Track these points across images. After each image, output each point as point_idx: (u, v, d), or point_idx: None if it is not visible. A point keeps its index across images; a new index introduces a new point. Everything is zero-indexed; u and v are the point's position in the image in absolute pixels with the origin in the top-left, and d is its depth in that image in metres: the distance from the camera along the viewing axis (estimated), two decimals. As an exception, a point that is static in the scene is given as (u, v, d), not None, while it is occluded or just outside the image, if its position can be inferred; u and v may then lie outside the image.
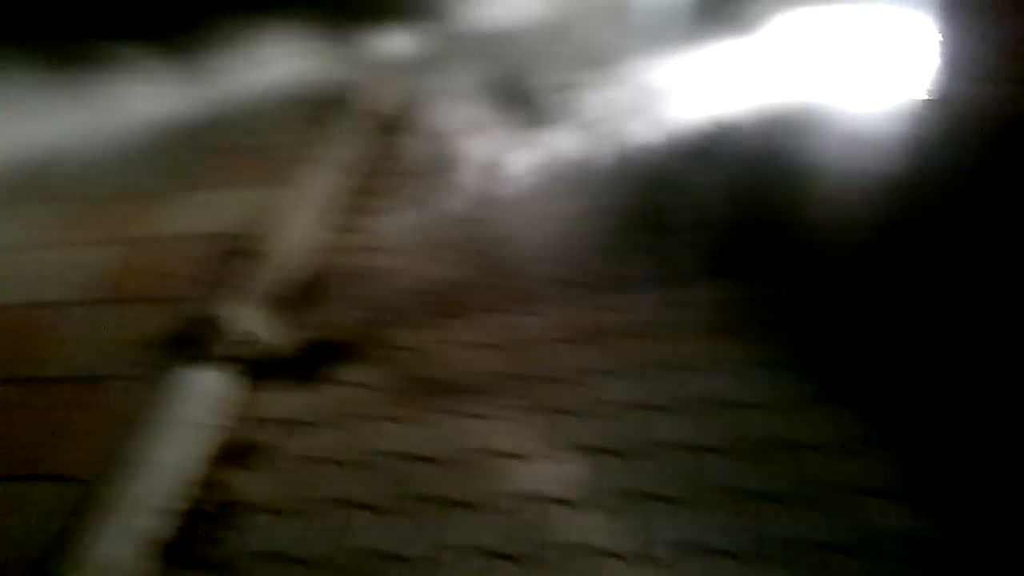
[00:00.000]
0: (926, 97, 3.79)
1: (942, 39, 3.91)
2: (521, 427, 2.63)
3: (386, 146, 4.51)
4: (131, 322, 3.07)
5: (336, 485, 2.53)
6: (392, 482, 2.51)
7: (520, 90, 4.65)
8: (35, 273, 3.45)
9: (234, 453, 2.68)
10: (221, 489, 2.55)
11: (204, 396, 2.78)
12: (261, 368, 2.98)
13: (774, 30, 4.86)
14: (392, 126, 4.68)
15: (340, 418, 2.77)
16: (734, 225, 3.35)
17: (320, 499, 2.48)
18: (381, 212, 3.92)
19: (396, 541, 2.32)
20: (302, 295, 3.37)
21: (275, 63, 5.09)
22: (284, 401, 2.87)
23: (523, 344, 2.99)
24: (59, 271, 3.44)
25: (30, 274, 3.45)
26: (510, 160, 4.09)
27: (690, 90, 4.43)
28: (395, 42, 5.44)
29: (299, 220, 3.69)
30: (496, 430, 2.64)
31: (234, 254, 3.37)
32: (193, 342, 2.90)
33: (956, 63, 3.77)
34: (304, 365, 3.01)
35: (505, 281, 3.31)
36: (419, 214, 3.84)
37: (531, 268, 3.35)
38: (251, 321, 3.07)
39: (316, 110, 4.58)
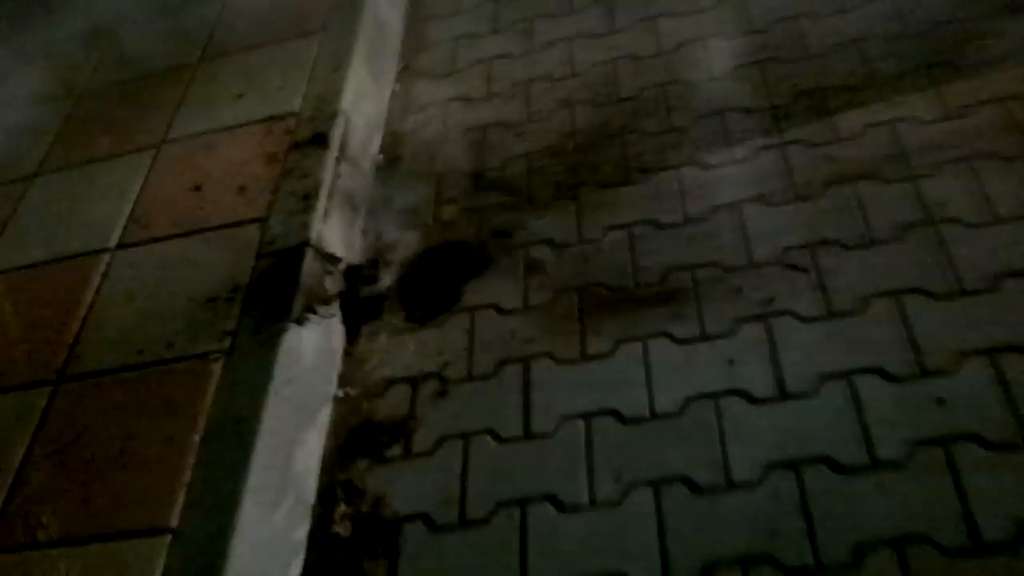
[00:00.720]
0: None
1: None
2: (745, 348, 1.82)
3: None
4: (184, 268, 2.27)
5: (506, 472, 1.77)
6: (590, 457, 1.74)
7: None
8: (45, 211, 2.63)
9: (359, 440, 1.94)
10: (355, 497, 1.84)
11: (308, 365, 2.01)
12: (365, 307, 2.20)
13: None
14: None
15: (485, 365, 1.99)
16: None
17: (490, 496, 1.75)
18: (468, 47, 2.95)
19: (620, 550, 1.59)
20: (391, 186, 2.53)
21: None
22: (404, 350, 2.09)
23: (713, 215, 2.11)
24: (77, 205, 2.62)
25: (40, 214, 2.63)
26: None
27: None
28: None
29: (361, 77, 2.76)
30: (712, 359, 1.83)
31: (298, 144, 2.49)
32: (277, 287, 2.10)
33: None
34: (418, 290, 2.22)
35: (673, 122, 2.39)
36: (520, 41, 2.86)
37: (699, 99, 2.42)
38: (337, 239, 2.26)
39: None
